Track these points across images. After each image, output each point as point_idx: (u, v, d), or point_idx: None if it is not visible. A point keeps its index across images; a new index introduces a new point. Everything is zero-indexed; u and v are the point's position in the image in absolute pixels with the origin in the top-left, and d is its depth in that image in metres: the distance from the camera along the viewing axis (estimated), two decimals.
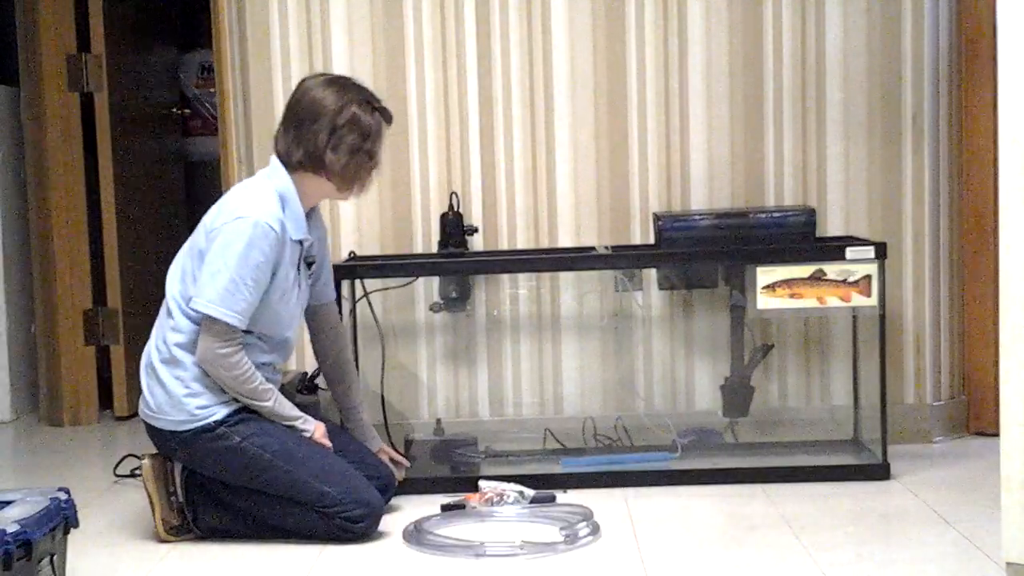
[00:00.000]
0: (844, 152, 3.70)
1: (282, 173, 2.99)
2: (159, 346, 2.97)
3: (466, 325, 3.75)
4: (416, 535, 2.91)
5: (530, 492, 3.17)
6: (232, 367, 2.89)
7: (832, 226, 3.70)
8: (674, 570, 2.67)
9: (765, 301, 3.31)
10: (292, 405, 3.03)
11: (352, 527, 2.91)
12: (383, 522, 2.99)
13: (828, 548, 2.76)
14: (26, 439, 4.46)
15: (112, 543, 3.01)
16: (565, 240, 3.73)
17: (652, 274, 3.67)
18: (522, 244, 3.73)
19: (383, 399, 3.63)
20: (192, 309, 2.90)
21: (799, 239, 3.39)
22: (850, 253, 3.30)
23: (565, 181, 3.72)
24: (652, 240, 3.59)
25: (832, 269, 3.30)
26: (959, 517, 2.96)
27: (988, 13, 3.58)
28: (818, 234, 3.49)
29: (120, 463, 3.67)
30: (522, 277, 3.73)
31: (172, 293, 2.98)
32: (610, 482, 3.35)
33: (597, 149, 3.72)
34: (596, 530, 2.91)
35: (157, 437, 2.99)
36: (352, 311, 3.51)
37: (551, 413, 3.76)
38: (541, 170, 3.72)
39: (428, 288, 3.71)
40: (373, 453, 3.21)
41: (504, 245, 3.73)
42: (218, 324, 2.88)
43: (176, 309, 2.95)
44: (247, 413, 2.95)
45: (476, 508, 3.12)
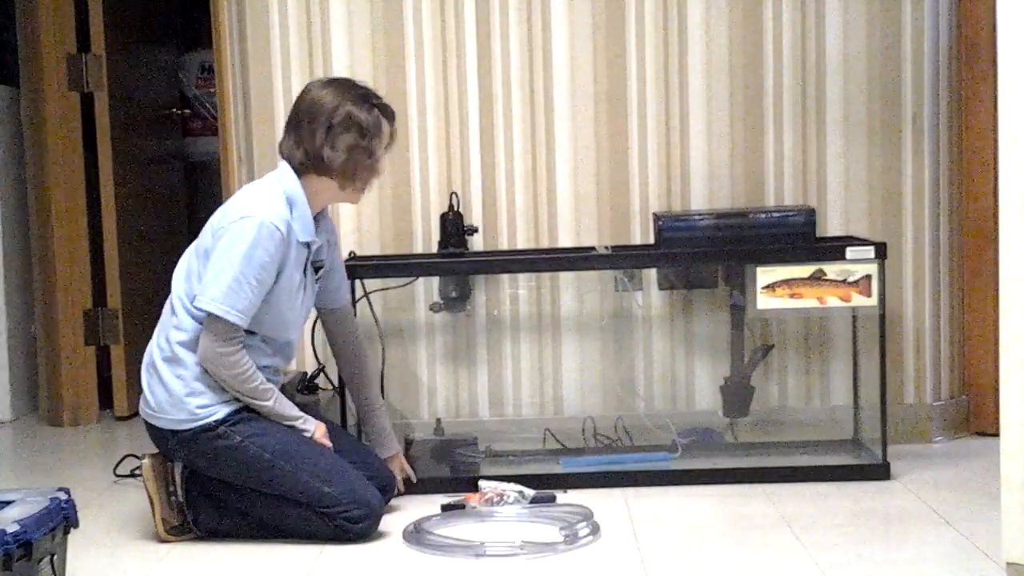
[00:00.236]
0: (844, 152, 3.70)
1: (290, 175, 3.00)
2: (161, 344, 2.97)
3: (466, 325, 3.75)
4: (416, 535, 2.91)
5: (530, 492, 3.17)
6: (232, 366, 2.89)
7: (832, 226, 3.70)
8: (674, 570, 2.67)
9: (765, 301, 3.31)
10: (292, 405, 3.03)
11: (352, 527, 2.91)
12: (383, 522, 2.99)
13: (828, 548, 2.76)
14: (26, 439, 4.45)
15: (112, 543, 3.01)
16: (565, 240, 3.73)
17: (652, 274, 3.67)
18: (522, 244, 3.73)
19: (383, 399, 3.63)
20: (196, 307, 2.91)
21: (799, 239, 3.39)
22: (850, 253, 3.30)
23: (565, 181, 3.72)
24: (652, 240, 3.59)
25: (832, 269, 3.30)
26: (959, 517, 2.96)
27: (988, 13, 3.58)
28: (818, 234, 3.49)
29: (120, 463, 3.67)
30: (522, 277, 3.72)
31: (177, 291, 2.98)
32: (610, 482, 3.35)
33: (597, 149, 3.72)
34: (596, 530, 2.91)
35: (157, 436, 2.99)
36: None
37: (551, 413, 3.76)
38: (541, 170, 3.72)
39: (428, 288, 3.71)
40: (373, 453, 3.21)
41: (504, 245, 3.73)
42: (220, 322, 2.88)
43: (180, 307, 2.95)
44: (248, 413, 2.95)
45: (476, 508, 3.12)
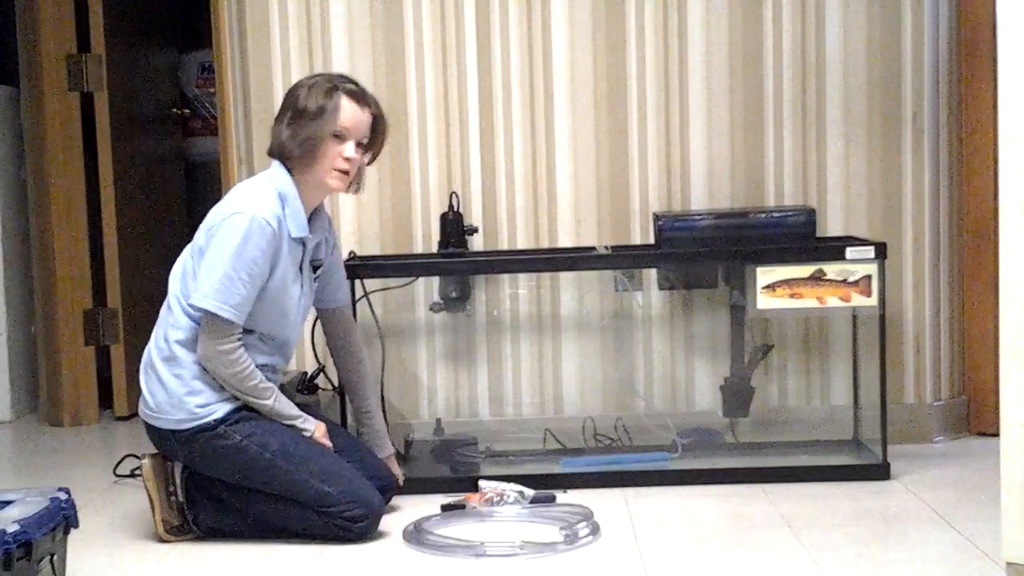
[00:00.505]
0: (844, 152, 3.70)
1: (282, 172, 3.00)
2: (159, 344, 2.97)
3: (466, 325, 3.75)
4: (416, 535, 2.91)
5: (530, 492, 3.17)
6: (231, 364, 2.89)
7: (832, 226, 3.70)
8: (674, 570, 2.67)
9: (765, 301, 3.31)
10: (292, 404, 3.03)
11: (352, 527, 2.91)
12: (383, 522, 2.99)
13: (828, 548, 2.76)
14: (26, 439, 4.45)
15: (112, 543, 3.01)
16: (565, 240, 3.73)
17: (652, 274, 3.67)
18: (522, 244, 3.73)
19: (383, 399, 3.63)
20: (190, 305, 2.91)
21: (799, 239, 3.39)
22: (850, 253, 3.30)
23: (565, 181, 3.72)
24: (652, 240, 3.59)
25: (832, 269, 3.30)
26: (959, 517, 2.96)
27: (988, 13, 3.58)
28: (818, 234, 3.49)
29: (120, 463, 3.67)
30: (522, 277, 3.72)
31: (173, 290, 2.99)
32: (610, 482, 3.35)
33: (597, 149, 3.72)
34: (596, 530, 2.91)
35: (157, 437, 2.99)
36: (352, 311, 3.50)
37: (551, 413, 3.76)
38: (541, 170, 3.72)
39: (428, 288, 3.71)
40: (373, 453, 3.22)
41: (504, 245, 3.73)
42: (216, 320, 2.88)
43: (176, 306, 2.96)
44: (247, 412, 2.95)
45: (476, 508, 3.12)
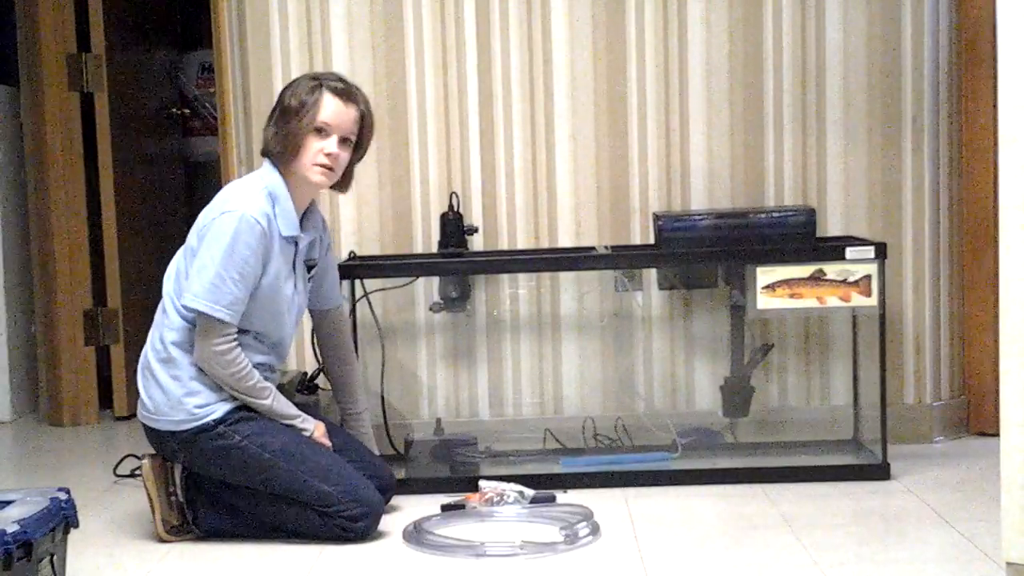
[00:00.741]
0: (844, 152, 3.70)
1: (273, 172, 3.00)
2: (156, 346, 2.97)
3: (466, 325, 3.75)
4: (416, 535, 2.91)
5: (530, 492, 3.17)
6: (228, 364, 2.89)
7: (832, 226, 3.70)
8: (674, 570, 2.67)
9: (765, 301, 3.32)
10: (291, 404, 3.03)
11: (352, 527, 2.91)
12: (383, 522, 2.99)
13: (828, 548, 2.76)
14: (26, 439, 4.45)
15: (112, 543, 3.01)
16: (565, 240, 3.73)
17: (652, 274, 3.67)
18: (522, 244, 3.73)
19: (383, 399, 3.64)
20: (183, 306, 2.91)
21: (799, 239, 3.39)
22: (850, 253, 3.30)
23: (565, 181, 3.72)
24: (652, 240, 3.59)
25: (832, 269, 3.30)
26: (959, 517, 2.96)
27: (988, 13, 3.58)
28: (818, 234, 3.49)
29: (120, 463, 3.67)
30: (522, 277, 3.72)
31: (167, 291, 2.99)
32: (610, 482, 3.35)
33: (597, 149, 3.72)
34: (596, 530, 2.91)
35: (156, 439, 2.99)
36: (352, 311, 3.51)
37: (551, 413, 3.76)
38: (541, 170, 3.72)
39: (428, 288, 3.71)
40: (373, 453, 3.22)
41: (504, 245, 3.73)
42: (210, 320, 2.88)
43: (171, 307, 2.96)
44: (247, 412, 2.95)
45: (476, 508, 3.12)
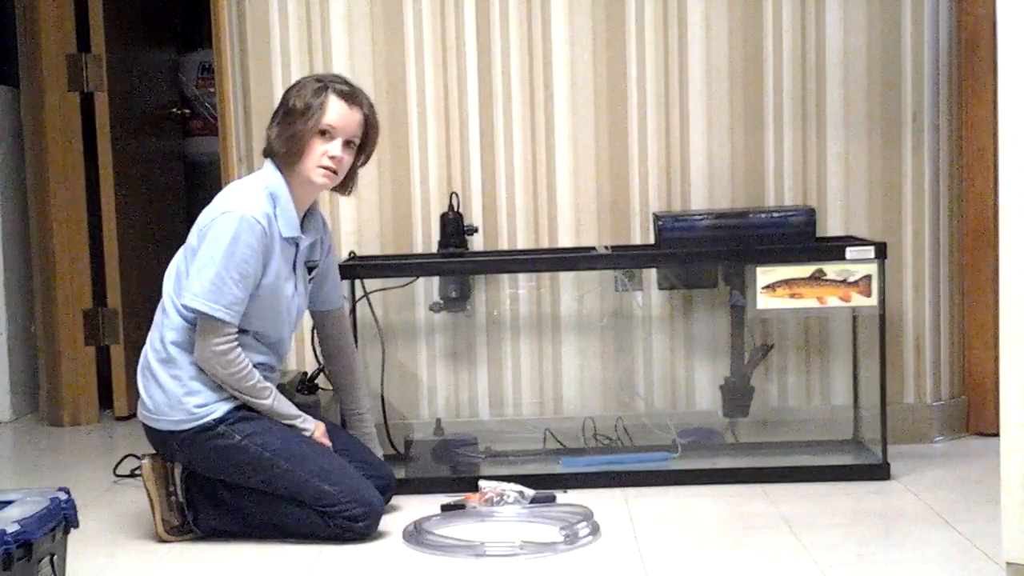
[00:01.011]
0: (844, 152, 3.70)
1: (274, 172, 3.00)
2: (156, 346, 2.97)
3: (466, 325, 3.75)
4: (416, 535, 2.91)
5: (530, 492, 3.17)
6: (228, 364, 2.89)
7: (832, 226, 3.70)
8: (674, 570, 2.67)
9: (765, 301, 3.31)
10: (291, 404, 3.03)
11: (352, 526, 2.91)
12: (383, 522, 2.99)
13: (828, 548, 2.76)
14: (26, 439, 4.45)
15: (112, 543, 3.01)
16: (565, 240, 3.73)
17: (652, 274, 3.67)
18: (522, 244, 3.73)
19: (383, 399, 3.64)
20: (183, 306, 2.91)
21: (799, 239, 3.39)
22: (850, 253, 3.30)
23: (565, 181, 3.72)
24: (652, 240, 3.59)
25: (832, 269, 3.30)
26: (959, 517, 2.96)
27: (988, 13, 3.58)
28: (818, 234, 3.49)
29: (120, 463, 3.67)
30: (522, 277, 3.72)
31: (167, 290, 2.99)
32: (610, 482, 3.35)
33: (597, 149, 3.72)
34: (596, 530, 2.91)
35: (156, 439, 2.99)
36: (352, 311, 3.51)
37: (551, 413, 3.76)
38: (541, 170, 3.72)
39: (428, 288, 3.71)
40: (373, 453, 3.22)
41: (504, 245, 3.73)
42: (210, 320, 2.88)
43: (171, 307, 2.96)
44: (247, 411, 2.95)
45: (476, 508, 3.12)
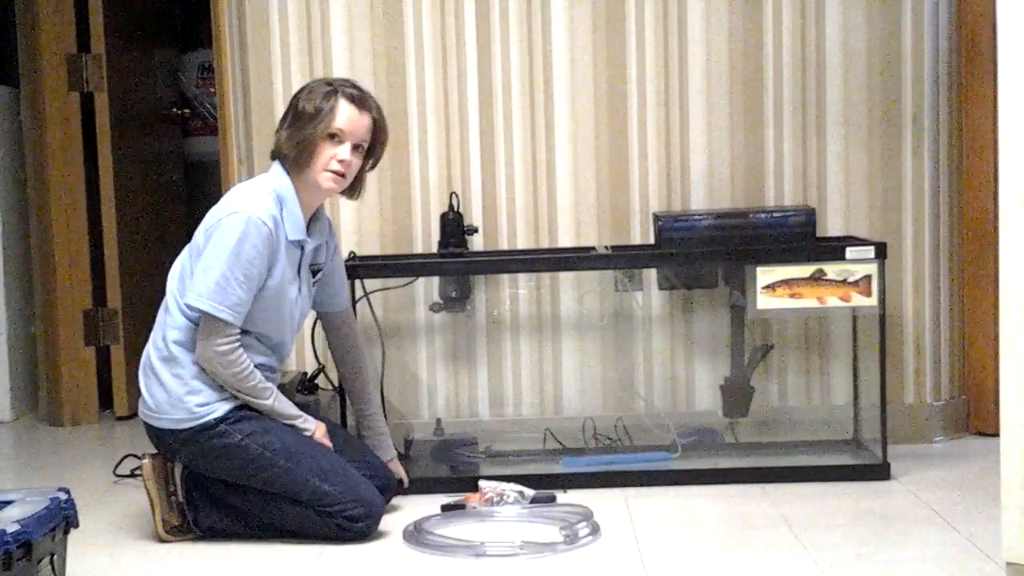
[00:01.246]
0: (844, 152, 3.70)
1: (282, 175, 3.00)
2: (158, 344, 2.97)
3: (466, 325, 3.75)
4: (416, 535, 2.91)
5: (530, 492, 3.17)
6: (230, 365, 2.89)
7: (832, 226, 3.70)
8: (674, 570, 2.67)
9: (765, 301, 3.31)
10: (292, 404, 3.03)
11: (352, 526, 2.91)
12: (383, 522, 2.99)
13: (828, 548, 2.76)
14: (26, 439, 4.45)
15: (112, 543, 3.01)
16: (565, 240, 3.73)
17: (652, 274, 3.67)
18: (522, 244, 3.73)
19: (383, 399, 3.63)
20: (186, 305, 2.91)
21: (799, 239, 3.39)
22: (850, 253, 3.30)
23: (565, 181, 3.72)
24: (652, 240, 3.59)
25: (832, 269, 3.30)
26: (959, 517, 2.96)
27: (988, 13, 3.58)
28: (818, 234, 3.49)
29: (120, 463, 3.67)
30: (522, 277, 3.72)
31: (171, 289, 2.99)
32: (610, 482, 3.35)
33: (597, 149, 3.72)
34: (596, 530, 2.91)
35: (157, 437, 2.99)
36: (352, 311, 3.50)
37: (551, 413, 3.76)
38: (541, 170, 3.72)
39: (428, 288, 3.71)
40: (373, 453, 3.22)
41: (504, 245, 3.73)
42: (213, 321, 2.88)
43: (174, 306, 2.96)
44: (248, 411, 2.95)
45: (476, 508, 3.12)
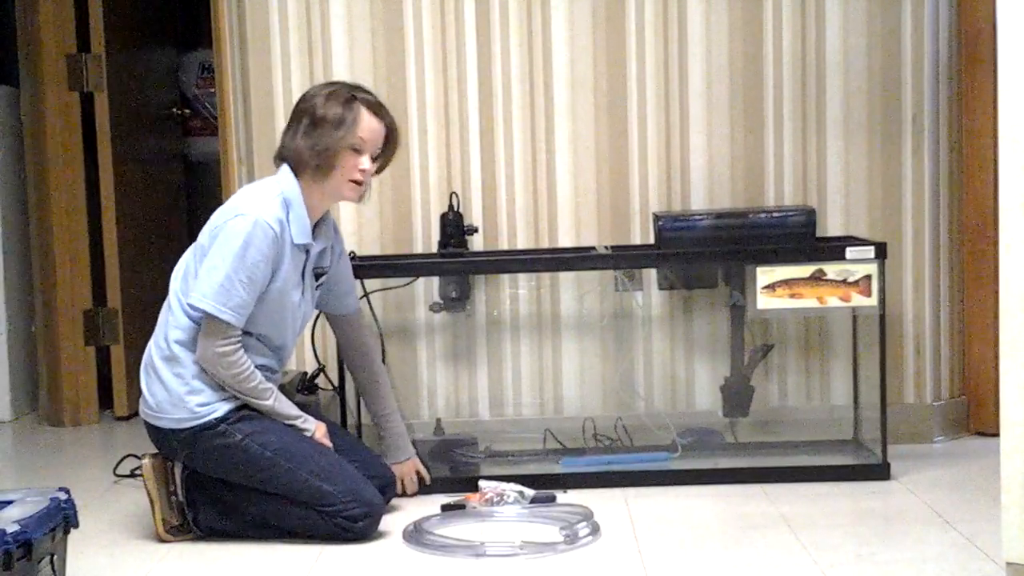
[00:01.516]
0: (844, 152, 3.70)
1: (290, 178, 3.00)
2: (160, 343, 2.97)
3: (466, 325, 3.75)
4: (416, 535, 2.91)
5: (530, 492, 3.17)
6: (230, 366, 2.89)
7: (832, 226, 3.70)
8: (674, 570, 2.67)
9: (765, 301, 3.31)
10: (292, 404, 3.03)
11: (352, 526, 2.91)
12: (383, 522, 2.99)
13: (828, 548, 2.76)
14: (26, 439, 4.45)
15: (112, 543, 3.01)
16: (565, 240, 3.73)
17: (652, 274, 3.67)
18: (522, 244, 3.73)
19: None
20: (189, 305, 2.91)
21: (799, 239, 3.39)
22: (850, 253, 3.30)
23: (565, 181, 3.72)
24: (652, 240, 3.59)
25: (832, 269, 3.30)
26: (959, 517, 2.96)
27: (988, 13, 3.57)
28: (818, 234, 3.49)
29: (120, 463, 3.67)
30: (522, 277, 3.72)
31: (174, 289, 2.99)
32: (610, 482, 3.35)
33: (597, 149, 3.72)
34: (596, 530, 2.91)
35: (158, 436, 2.99)
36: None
37: (551, 413, 3.76)
38: (541, 170, 3.72)
39: (428, 288, 3.71)
40: (373, 453, 3.22)
41: (504, 245, 3.73)
42: (215, 322, 2.88)
43: (177, 306, 2.96)
44: (248, 411, 2.95)
45: (476, 508, 3.12)
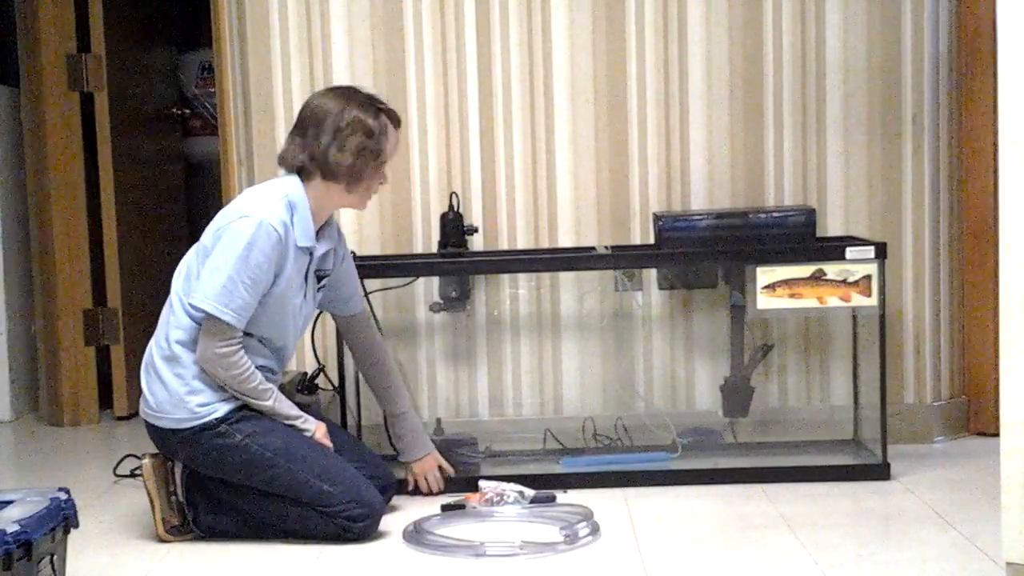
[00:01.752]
0: (844, 152, 3.70)
1: (295, 180, 2.99)
2: (160, 343, 2.97)
3: (466, 325, 3.75)
4: (416, 535, 2.91)
5: (530, 492, 3.17)
6: (231, 367, 2.89)
7: (832, 226, 3.70)
8: (674, 570, 2.67)
9: (765, 301, 3.31)
10: (292, 405, 3.03)
11: (352, 527, 2.91)
12: (383, 522, 2.99)
13: (828, 548, 2.76)
14: (26, 439, 4.45)
15: (112, 543, 3.01)
16: (565, 240, 3.73)
17: (652, 274, 3.67)
18: (522, 244, 3.73)
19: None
20: (191, 306, 2.91)
21: (799, 239, 3.39)
22: (850, 253, 3.30)
23: (565, 181, 3.72)
24: (652, 240, 3.59)
25: (832, 269, 3.30)
26: (959, 517, 2.96)
27: (988, 13, 3.58)
28: (818, 234, 3.49)
29: (120, 463, 3.67)
30: (522, 277, 3.72)
31: (176, 289, 2.99)
32: (610, 482, 3.35)
33: (597, 149, 3.72)
34: (596, 530, 2.91)
35: (158, 436, 2.99)
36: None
37: (551, 413, 3.76)
38: (541, 170, 3.72)
39: (428, 288, 3.71)
40: (373, 453, 3.23)
41: (504, 245, 3.73)
42: (216, 322, 2.88)
43: (178, 306, 2.96)
44: (248, 411, 2.95)
45: (476, 508, 3.12)
